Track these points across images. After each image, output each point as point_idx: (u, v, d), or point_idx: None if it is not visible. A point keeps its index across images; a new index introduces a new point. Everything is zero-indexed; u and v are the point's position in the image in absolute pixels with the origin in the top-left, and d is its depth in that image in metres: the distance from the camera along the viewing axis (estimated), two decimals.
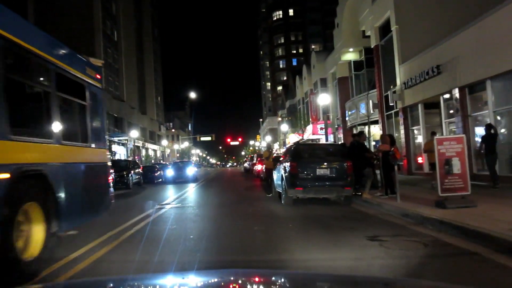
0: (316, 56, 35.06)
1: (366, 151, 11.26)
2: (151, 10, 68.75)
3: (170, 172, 27.08)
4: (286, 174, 10.74)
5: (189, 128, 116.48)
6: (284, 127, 40.10)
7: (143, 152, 57.60)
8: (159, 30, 79.28)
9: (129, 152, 48.36)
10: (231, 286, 2.15)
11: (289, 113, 51.95)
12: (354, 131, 29.08)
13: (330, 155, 10.87)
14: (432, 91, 16.31)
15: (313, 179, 10.31)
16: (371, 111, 22.28)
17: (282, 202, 11.14)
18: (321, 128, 33.36)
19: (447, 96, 15.77)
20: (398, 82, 19.51)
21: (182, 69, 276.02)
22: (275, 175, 13.18)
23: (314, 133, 33.40)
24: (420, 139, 18.21)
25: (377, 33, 22.22)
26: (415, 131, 18.97)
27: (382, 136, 11.49)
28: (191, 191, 17.81)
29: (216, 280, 2.25)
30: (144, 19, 63.07)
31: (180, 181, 25.36)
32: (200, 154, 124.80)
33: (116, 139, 42.30)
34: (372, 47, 22.85)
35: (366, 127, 25.44)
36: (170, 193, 17.39)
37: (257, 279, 2.30)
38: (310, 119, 35.73)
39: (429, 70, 16.10)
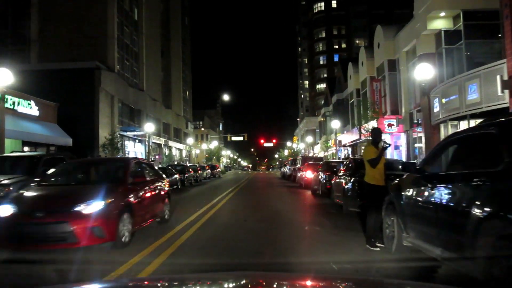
0: (384, 31, 26.81)
1: None
2: None
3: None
4: None
5: (220, 128, 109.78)
6: (335, 123, 31.89)
7: (166, 151, 50.73)
8: (190, 20, 72.77)
9: (147, 150, 41.42)
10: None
11: (335, 110, 43.74)
12: (443, 129, 20.86)
13: None
14: None
15: None
16: (500, 92, 14.01)
17: None
18: (390, 125, 25.21)
19: None
20: None
21: (214, 66, 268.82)
22: (410, 207, 5.14)
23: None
24: None
25: None
26: None
27: None
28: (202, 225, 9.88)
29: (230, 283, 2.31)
30: (172, 4, 56.37)
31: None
32: (231, 155, 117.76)
33: (130, 133, 35.36)
34: None
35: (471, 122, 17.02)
36: (160, 230, 7.90)
37: (266, 281, 2.35)
38: (371, 114, 27.48)
39: None
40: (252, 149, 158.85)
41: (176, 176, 22.94)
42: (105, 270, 5.07)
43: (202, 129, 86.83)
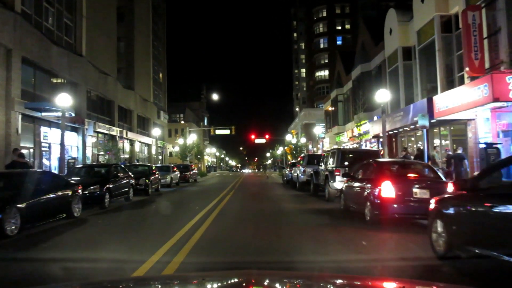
0: None
1: None
2: None
3: None
4: None
5: (205, 123, 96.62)
6: (382, 95, 18.48)
7: (126, 146, 37.69)
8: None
9: (87, 144, 28.42)
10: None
11: (358, 88, 31.19)
12: None
13: None
14: None
15: None
16: None
17: None
18: None
19: None
20: None
21: (198, 54, 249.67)
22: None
23: (497, 97, 12.64)
24: None
25: None
26: None
27: None
28: None
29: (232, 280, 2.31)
30: None
31: None
32: (217, 154, 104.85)
33: (46, 114, 22.21)
34: None
35: None
36: None
37: (272, 279, 2.29)
38: (466, 71, 14.92)
39: None
40: (241, 148, 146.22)
41: (68, 192, 10.11)
42: None
43: (182, 122, 73.83)
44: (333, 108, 43.77)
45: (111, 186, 13.05)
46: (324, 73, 76.51)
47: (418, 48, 20.53)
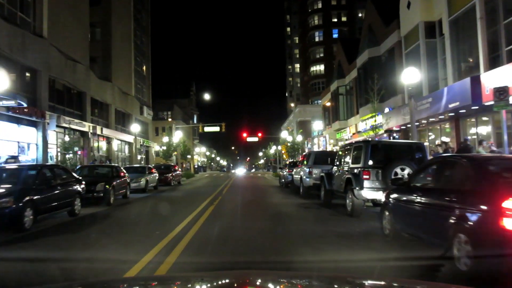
0: None
1: None
2: None
3: None
4: None
5: (195, 121, 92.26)
6: (411, 75, 14.50)
7: (103, 145, 33.50)
8: None
9: (51, 142, 24.17)
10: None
11: (364, 75, 27.30)
12: None
13: None
14: None
15: None
16: None
17: None
18: None
19: None
20: None
21: (187, 51, 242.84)
22: None
23: None
24: None
25: None
26: None
27: None
28: None
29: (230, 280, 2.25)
30: None
31: None
32: (208, 153, 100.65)
33: None
34: None
35: None
36: None
37: (270, 279, 2.23)
38: None
39: None
40: (233, 147, 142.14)
41: None
42: None
43: (170, 120, 69.40)
44: (332, 103, 39.90)
45: (37, 197, 8.89)
46: (320, 67, 72.63)
47: (449, 19, 16.60)
